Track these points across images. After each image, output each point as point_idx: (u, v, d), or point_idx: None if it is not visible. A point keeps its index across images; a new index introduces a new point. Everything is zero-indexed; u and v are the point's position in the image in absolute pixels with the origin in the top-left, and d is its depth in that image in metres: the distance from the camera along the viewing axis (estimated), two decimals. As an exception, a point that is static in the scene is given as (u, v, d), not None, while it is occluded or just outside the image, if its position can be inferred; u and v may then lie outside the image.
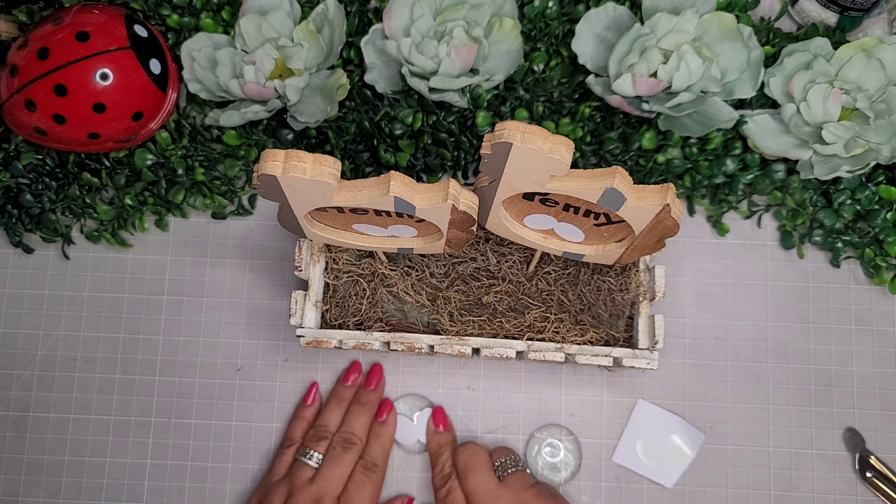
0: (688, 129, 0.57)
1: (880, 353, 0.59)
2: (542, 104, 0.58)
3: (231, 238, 0.62)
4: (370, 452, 0.55)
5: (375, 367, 0.59)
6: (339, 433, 0.55)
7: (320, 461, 0.54)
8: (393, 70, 0.58)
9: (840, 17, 0.60)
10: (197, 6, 0.60)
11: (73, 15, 0.55)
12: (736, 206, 0.59)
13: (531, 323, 0.55)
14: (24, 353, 0.60)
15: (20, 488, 0.59)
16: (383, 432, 0.57)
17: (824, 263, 0.60)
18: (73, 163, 0.60)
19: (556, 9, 0.59)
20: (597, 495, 0.58)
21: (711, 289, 0.60)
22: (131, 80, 0.56)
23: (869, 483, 0.57)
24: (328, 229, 0.51)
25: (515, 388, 0.59)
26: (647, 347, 0.54)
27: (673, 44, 0.54)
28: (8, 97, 0.55)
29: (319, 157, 0.41)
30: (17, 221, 0.60)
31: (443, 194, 0.44)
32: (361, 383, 0.58)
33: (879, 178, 0.57)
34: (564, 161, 0.40)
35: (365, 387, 0.58)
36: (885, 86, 0.55)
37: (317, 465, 0.54)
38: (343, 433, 0.55)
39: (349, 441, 0.55)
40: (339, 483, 0.54)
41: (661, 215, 0.44)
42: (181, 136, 0.60)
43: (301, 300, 0.55)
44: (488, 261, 0.57)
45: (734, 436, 0.58)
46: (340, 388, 0.58)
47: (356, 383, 0.58)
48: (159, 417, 0.59)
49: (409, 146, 0.58)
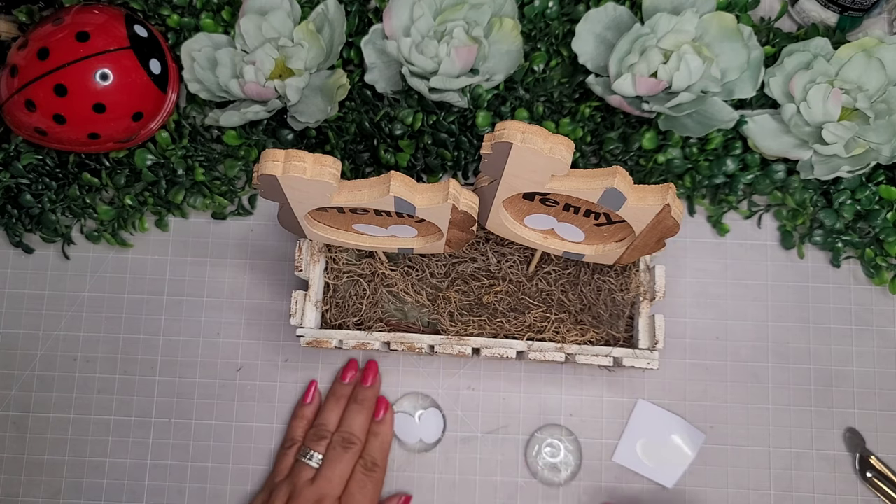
0: (688, 129, 0.57)
1: (880, 353, 0.59)
2: (542, 104, 0.58)
3: (231, 238, 0.62)
4: (370, 452, 0.55)
5: (371, 364, 0.59)
6: (337, 433, 0.55)
7: (321, 461, 0.54)
8: (393, 70, 0.58)
9: (840, 17, 0.60)
10: (197, 6, 0.60)
11: (73, 15, 0.55)
12: (736, 206, 0.59)
13: (531, 323, 0.55)
14: (24, 353, 0.60)
15: (20, 488, 0.59)
16: (381, 431, 0.57)
17: (824, 263, 0.60)
18: (73, 163, 0.60)
19: (556, 9, 0.59)
20: (597, 495, 0.58)
21: (711, 289, 0.60)
22: (131, 81, 0.56)
23: (869, 483, 0.57)
24: (328, 229, 0.51)
25: (515, 388, 0.59)
26: (648, 347, 0.54)
27: (673, 44, 0.54)
28: (8, 97, 0.55)
29: (319, 157, 0.41)
30: (17, 221, 0.60)
31: (443, 194, 0.44)
32: (358, 380, 0.58)
33: (880, 178, 0.57)
34: (565, 161, 0.40)
35: (361, 384, 0.58)
36: (886, 86, 0.55)
37: (317, 465, 0.54)
38: (342, 433, 0.55)
39: (348, 441, 0.55)
40: (340, 483, 0.54)
41: (662, 215, 0.44)
42: (181, 136, 0.60)
43: (301, 300, 0.55)
44: (488, 261, 0.57)
45: (734, 436, 0.58)
46: (338, 386, 0.58)
47: (354, 381, 0.58)
48: (159, 418, 0.59)
49: (409, 146, 0.58)
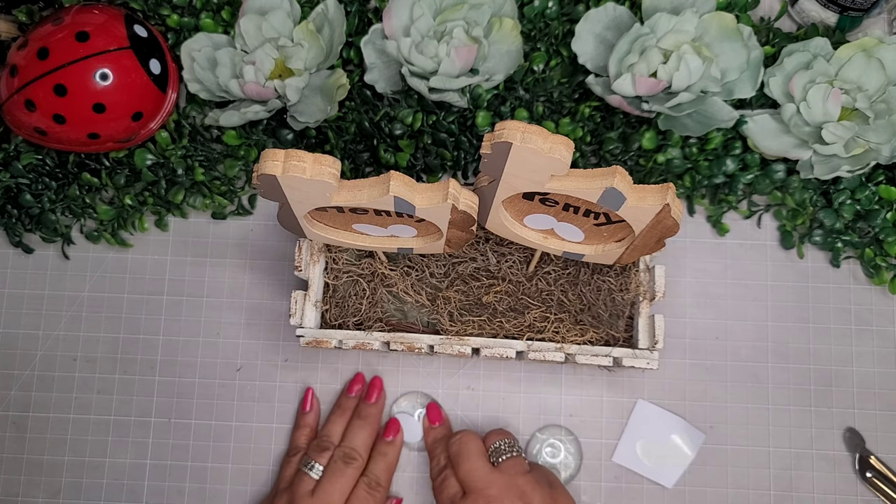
0: (688, 129, 0.57)
1: (880, 353, 0.59)
2: (542, 104, 0.58)
3: (231, 238, 0.62)
4: (374, 470, 0.55)
5: (375, 381, 0.58)
6: (339, 448, 0.55)
7: (321, 472, 0.54)
8: (393, 70, 0.58)
9: (840, 17, 0.60)
10: (197, 6, 0.60)
11: (73, 15, 0.55)
12: (736, 206, 0.59)
13: (531, 323, 0.55)
14: (24, 353, 0.60)
15: (20, 488, 0.59)
16: (389, 451, 0.56)
17: (824, 263, 0.60)
18: (73, 163, 0.60)
19: (556, 9, 0.59)
20: (597, 495, 0.58)
21: (711, 289, 0.60)
22: (131, 80, 0.56)
23: (869, 483, 0.57)
24: (328, 229, 0.51)
25: (515, 388, 0.59)
26: (647, 347, 0.54)
27: (673, 44, 0.54)
28: (8, 97, 0.55)
29: (319, 157, 0.41)
30: (17, 221, 0.60)
31: (443, 194, 0.44)
32: (362, 396, 0.58)
33: (879, 177, 0.57)
34: (564, 160, 0.40)
35: (366, 400, 0.58)
36: (885, 86, 0.55)
37: (317, 476, 0.54)
38: (344, 448, 0.55)
39: (349, 456, 0.54)
40: (339, 497, 0.53)
41: (661, 215, 0.44)
42: (181, 136, 0.60)
43: (301, 300, 0.55)
44: (488, 261, 0.57)
45: (734, 436, 0.58)
46: (344, 398, 0.58)
47: (359, 394, 0.58)
48: (159, 417, 0.59)
49: (409, 146, 0.58)
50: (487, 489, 0.51)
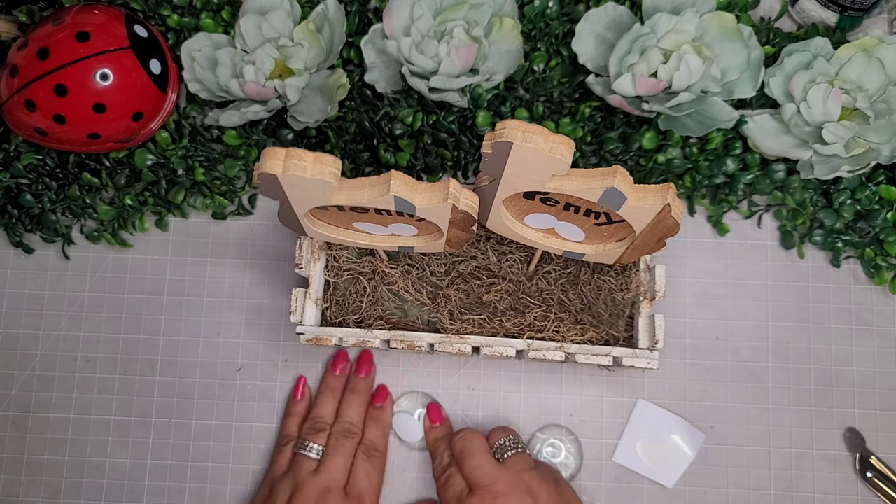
0: (688, 129, 0.57)
1: (880, 353, 0.59)
2: (542, 104, 0.58)
3: (231, 238, 0.62)
4: (369, 437, 0.56)
5: (365, 354, 0.59)
6: (338, 423, 0.56)
7: (321, 452, 0.54)
8: (393, 70, 0.58)
9: (840, 16, 0.60)
10: (197, 6, 0.61)
11: (73, 15, 0.55)
12: (736, 205, 0.59)
13: (531, 322, 0.55)
14: (24, 353, 0.60)
15: (20, 488, 0.59)
16: (381, 416, 0.57)
17: (824, 263, 0.60)
18: (73, 163, 0.60)
19: (556, 9, 0.59)
20: (597, 495, 0.57)
21: (711, 289, 0.60)
22: (131, 81, 0.56)
23: (869, 483, 0.57)
24: (329, 227, 0.51)
25: (515, 388, 0.59)
26: (648, 347, 0.54)
27: (673, 44, 0.54)
28: (8, 97, 0.55)
29: (320, 156, 0.41)
30: (17, 221, 0.60)
31: (443, 194, 0.44)
32: (352, 371, 0.58)
33: (880, 177, 0.57)
34: (565, 160, 0.40)
35: (356, 374, 0.58)
36: (885, 85, 0.55)
37: (317, 456, 0.54)
38: (342, 423, 0.56)
39: (349, 430, 0.55)
40: (343, 472, 0.54)
41: (662, 215, 0.44)
42: (181, 136, 0.60)
43: (301, 298, 0.55)
44: (489, 259, 0.57)
45: (734, 436, 0.58)
46: (330, 377, 0.58)
47: (345, 372, 0.59)
48: (159, 418, 0.59)
49: (410, 146, 0.58)
50: (494, 485, 0.51)
